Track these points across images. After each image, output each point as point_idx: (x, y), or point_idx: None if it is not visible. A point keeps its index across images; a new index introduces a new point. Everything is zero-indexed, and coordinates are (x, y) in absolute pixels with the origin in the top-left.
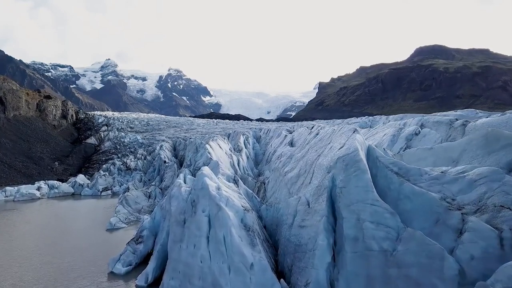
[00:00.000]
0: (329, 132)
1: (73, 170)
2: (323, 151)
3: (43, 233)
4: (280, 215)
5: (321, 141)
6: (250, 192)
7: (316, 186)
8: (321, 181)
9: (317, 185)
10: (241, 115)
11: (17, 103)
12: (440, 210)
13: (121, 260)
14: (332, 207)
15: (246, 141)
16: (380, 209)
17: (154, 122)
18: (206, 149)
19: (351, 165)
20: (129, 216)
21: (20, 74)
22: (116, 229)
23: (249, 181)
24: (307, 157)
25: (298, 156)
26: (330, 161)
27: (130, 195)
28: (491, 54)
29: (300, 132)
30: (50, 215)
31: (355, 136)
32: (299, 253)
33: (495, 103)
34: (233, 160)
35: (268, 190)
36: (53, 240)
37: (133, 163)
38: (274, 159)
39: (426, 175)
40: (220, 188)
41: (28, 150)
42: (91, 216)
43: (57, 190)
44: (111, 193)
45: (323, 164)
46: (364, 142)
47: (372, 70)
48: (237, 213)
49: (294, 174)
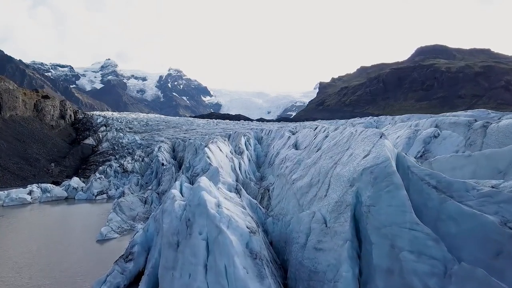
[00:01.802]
0: (346, 136)
1: (69, 172)
2: (340, 158)
3: (25, 246)
4: (290, 231)
5: (336, 146)
6: (254, 203)
7: (335, 202)
8: (342, 196)
9: (336, 200)
10: (242, 115)
11: (13, 103)
12: (502, 238)
13: (107, 282)
14: (356, 227)
15: (247, 142)
16: (421, 235)
17: (153, 122)
18: (205, 153)
19: (382, 179)
20: (122, 225)
21: (19, 74)
22: (107, 240)
23: (251, 186)
24: (320, 164)
25: (308, 162)
26: (352, 172)
27: (124, 201)
28: (492, 54)
29: (304, 134)
30: (37, 223)
31: (383, 142)
32: (315, 281)
33: (498, 103)
34: (234, 163)
35: (273, 198)
36: (34, 254)
37: (130, 165)
38: (278, 162)
39: (474, 191)
40: (221, 205)
41: (24, 151)
42: (82, 223)
43: (49, 194)
44: (106, 197)
45: (343, 175)
46: (393, 149)
47: (373, 70)
48: (242, 236)
49: (304, 184)
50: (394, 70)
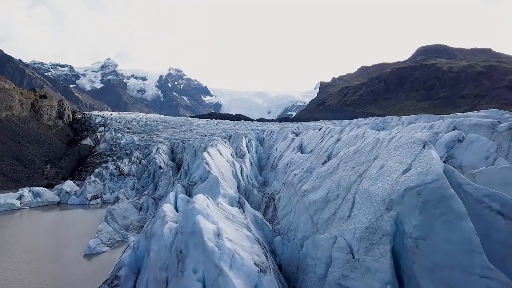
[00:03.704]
0: (370, 142)
1: (65, 174)
2: (366, 171)
3: (4, 261)
4: (303, 256)
5: (358, 154)
6: (260, 218)
7: (365, 227)
8: (375, 222)
9: (367, 226)
10: (242, 115)
11: (9, 103)
12: None
13: None
14: (395, 262)
15: (248, 143)
16: (496, 285)
17: (152, 122)
18: (204, 159)
19: (435, 204)
20: (114, 236)
21: (19, 74)
22: (96, 255)
23: (254, 194)
24: (339, 175)
25: (322, 171)
26: (389, 191)
27: (116, 209)
28: (494, 53)
29: (310, 136)
30: (22, 233)
31: (429, 154)
32: None
33: (501, 103)
34: (235, 168)
35: (279, 209)
36: (11, 272)
37: (127, 167)
38: (282, 166)
39: None
40: (221, 234)
41: (19, 152)
42: (72, 232)
43: (40, 199)
44: (100, 201)
45: (375, 194)
46: (441, 162)
47: (374, 69)
48: (249, 278)
49: (318, 197)
50: (396, 69)
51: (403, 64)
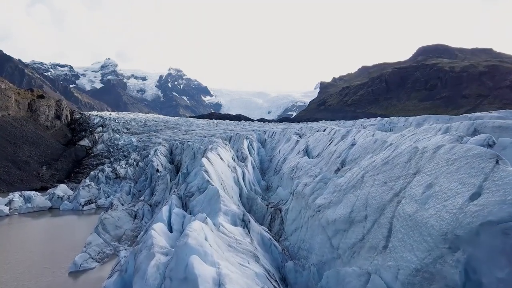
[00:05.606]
0: (405, 152)
1: (61, 176)
2: (405, 189)
3: None
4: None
5: (390, 166)
6: (267, 238)
7: (416, 269)
8: (431, 263)
9: (418, 268)
10: (242, 115)
11: (5, 103)
12: None
13: None
14: None
15: (250, 146)
16: None
17: (151, 122)
18: (203, 166)
19: None
20: (104, 249)
21: (19, 74)
22: (82, 272)
23: (258, 203)
24: (366, 191)
25: (342, 183)
26: (451, 223)
27: (109, 218)
28: (495, 53)
29: (317, 138)
30: (5, 244)
31: (508, 173)
32: None
33: (504, 103)
34: (237, 174)
35: (287, 223)
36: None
37: (123, 170)
38: (287, 171)
39: None
40: (223, 284)
41: (14, 154)
42: (60, 243)
43: (30, 204)
44: (95, 206)
45: (427, 223)
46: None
47: (375, 69)
48: None
49: (339, 216)
50: (397, 69)
51: (404, 64)
